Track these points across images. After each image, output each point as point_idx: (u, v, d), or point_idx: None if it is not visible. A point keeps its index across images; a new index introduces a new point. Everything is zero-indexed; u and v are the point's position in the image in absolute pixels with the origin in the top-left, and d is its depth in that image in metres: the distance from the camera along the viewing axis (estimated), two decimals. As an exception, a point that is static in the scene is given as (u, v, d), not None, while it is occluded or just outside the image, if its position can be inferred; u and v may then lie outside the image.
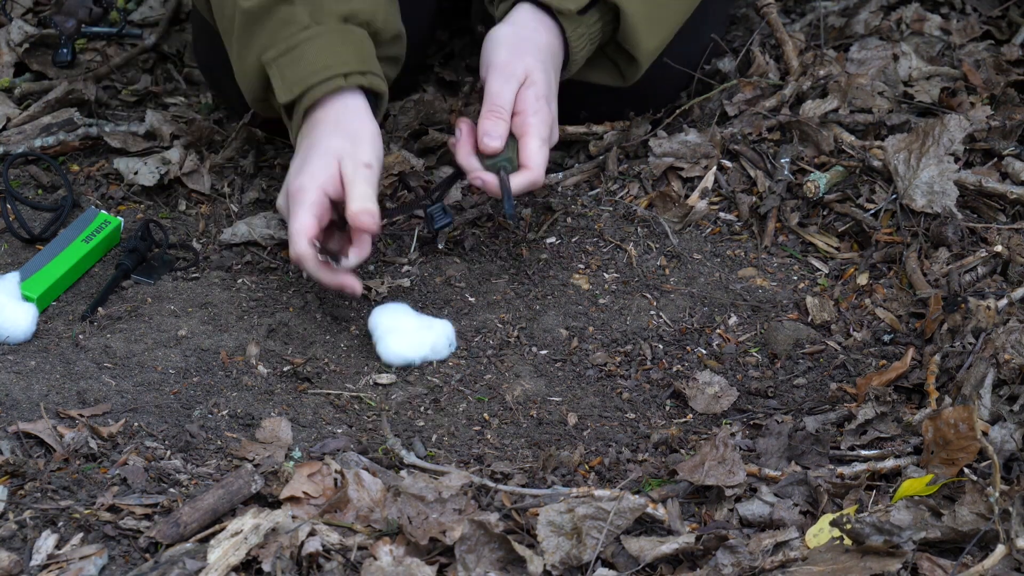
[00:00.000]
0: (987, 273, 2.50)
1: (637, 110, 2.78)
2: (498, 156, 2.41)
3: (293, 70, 2.37)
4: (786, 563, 1.95)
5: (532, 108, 2.42)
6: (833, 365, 2.42)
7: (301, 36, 2.37)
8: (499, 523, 2.00)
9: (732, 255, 2.62)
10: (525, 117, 2.42)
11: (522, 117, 2.42)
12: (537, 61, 2.44)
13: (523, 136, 2.42)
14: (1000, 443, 2.11)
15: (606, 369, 2.43)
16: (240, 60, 2.44)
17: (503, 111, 2.41)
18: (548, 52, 2.47)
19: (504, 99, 2.41)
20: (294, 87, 2.37)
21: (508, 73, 2.42)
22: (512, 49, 2.44)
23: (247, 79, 2.44)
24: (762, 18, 2.96)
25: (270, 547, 1.95)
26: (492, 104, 2.41)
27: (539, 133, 2.42)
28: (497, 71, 2.42)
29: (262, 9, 2.38)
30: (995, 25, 3.09)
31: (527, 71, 2.43)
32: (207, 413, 2.30)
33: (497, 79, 2.42)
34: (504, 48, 2.44)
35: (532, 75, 2.43)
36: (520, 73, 2.42)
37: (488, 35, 2.47)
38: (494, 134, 2.40)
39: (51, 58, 3.01)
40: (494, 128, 2.40)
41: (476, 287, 2.57)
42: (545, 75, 2.44)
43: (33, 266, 2.50)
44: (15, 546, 1.97)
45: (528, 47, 2.44)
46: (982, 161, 2.71)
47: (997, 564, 1.92)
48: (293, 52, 2.37)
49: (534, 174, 2.42)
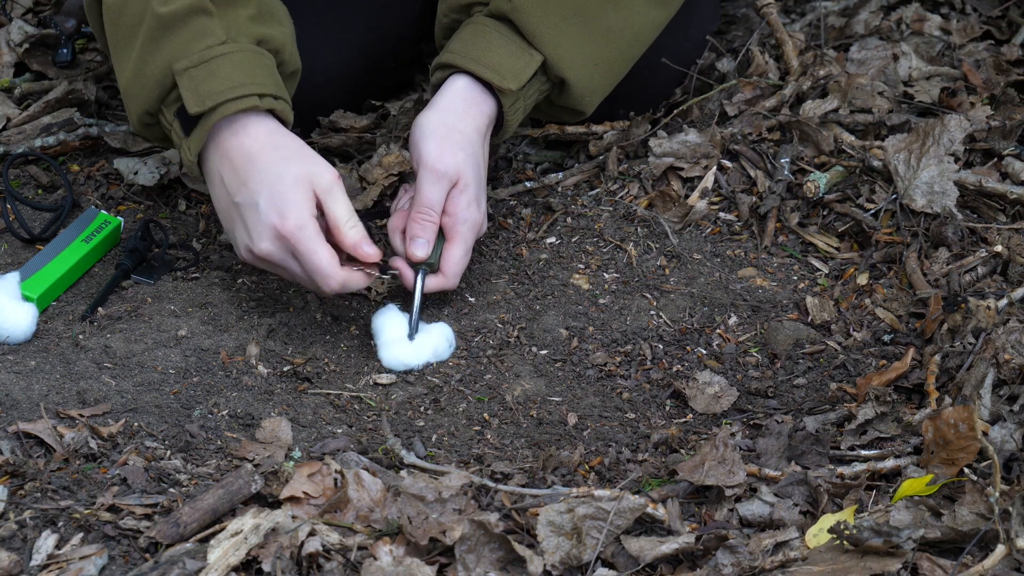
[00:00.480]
0: (987, 273, 2.50)
1: (631, 109, 2.78)
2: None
3: (207, 83, 2.32)
4: (786, 563, 1.95)
5: (462, 215, 2.43)
6: (833, 365, 2.42)
7: (218, 50, 2.33)
8: (499, 523, 2.00)
9: (732, 255, 2.62)
10: (454, 223, 2.44)
11: (452, 220, 2.44)
12: (468, 157, 2.44)
13: (450, 241, 2.44)
14: (1000, 443, 2.11)
15: (606, 369, 2.43)
16: (141, 65, 2.35)
17: (432, 214, 2.42)
18: (479, 136, 2.48)
19: (434, 202, 2.42)
20: (207, 99, 2.31)
21: (439, 174, 2.42)
22: (441, 144, 2.43)
23: (145, 87, 2.36)
24: (762, 18, 2.96)
25: (270, 547, 1.95)
26: (422, 206, 2.42)
27: (465, 242, 2.44)
28: (427, 171, 2.42)
29: (177, 17, 2.33)
30: (995, 25, 3.09)
31: (458, 171, 2.43)
32: (207, 413, 2.30)
33: (428, 179, 2.42)
34: (434, 141, 2.43)
35: (463, 177, 2.43)
36: (452, 173, 2.43)
37: (416, 121, 2.47)
38: (420, 241, 2.42)
39: (51, 58, 3.01)
40: (422, 233, 2.42)
41: (476, 287, 2.57)
42: (476, 173, 2.45)
43: (33, 266, 2.50)
44: (15, 546, 1.97)
45: (458, 140, 2.44)
46: (982, 161, 2.71)
47: (997, 564, 1.92)
48: (208, 65, 2.32)
49: (449, 282, 2.46)
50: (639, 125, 2.75)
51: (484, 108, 2.48)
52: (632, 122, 2.75)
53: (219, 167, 2.35)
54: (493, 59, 2.46)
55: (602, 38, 2.53)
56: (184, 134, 2.36)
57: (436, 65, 2.51)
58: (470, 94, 2.48)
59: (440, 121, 2.45)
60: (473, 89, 2.48)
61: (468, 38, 2.49)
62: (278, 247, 2.32)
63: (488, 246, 2.63)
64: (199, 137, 2.34)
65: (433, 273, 2.45)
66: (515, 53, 2.47)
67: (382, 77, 2.85)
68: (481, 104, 2.48)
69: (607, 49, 2.55)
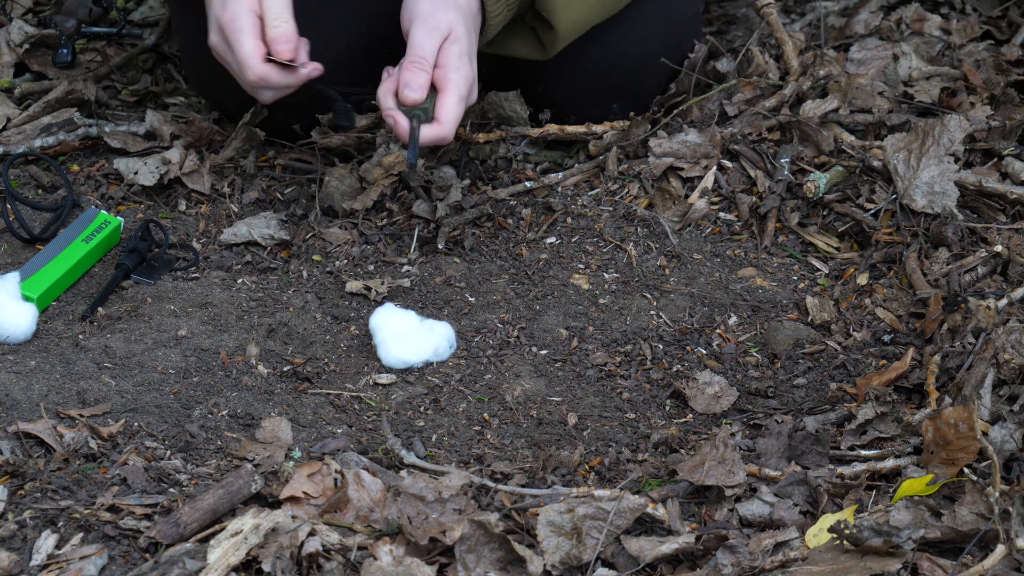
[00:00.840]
0: (987, 273, 2.50)
1: (625, 102, 2.78)
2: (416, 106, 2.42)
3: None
4: (786, 563, 1.95)
5: (455, 64, 2.42)
6: (833, 365, 2.42)
7: None
8: (499, 523, 2.00)
9: (732, 255, 2.62)
10: (447, 72, 2.43)
11: (444, 72, 2.43)
12: (460, 16, 2.44)
13: (442, 91, 2.43)
14: (1000, 443, 2.11)
15: (606, 369, 2.43)
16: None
17: (425, 63, 2.42)
18: (468, 11, 2.47)
19: (427, 51, 2.42)
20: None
21: (432, 25, 2.42)
22: (434, 2, 2.43)
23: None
24: (762, 18, 2.96)
25: (270, 547, 1.95)
26: (415, 55, 2.42)
27: (458, 90, 2.43)
28: (421, 22, 2.42)
29: None
30: (995, 25, 3.09)
31: (451, 25, 2.43)
32: (207, 413, 2.30)
33: (421, 30, 2.42)
34: (426, 1, 2.44)
35: (456, 30, 2.43)
36: (444, 27, 2.43)
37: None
38: (415, 85, 2.41)
39: (51, 58, 3.01)
40: (415, 79, 2.41)
41: (476, 287, 2.57)
42: (467, 32, 2.45)
43: (33, 266, 2.50)
44: (15, 546, 1.97)
45: (449, 2, 2.44)
46: (982, 161, 2.71)
47: (997, 564, 1.92)
48: None
49: (445, 130, 2.43)
50: (639, 125, 2.75)
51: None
52: (632, 122, 2.75)
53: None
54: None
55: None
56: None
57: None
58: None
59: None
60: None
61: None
62: (220, 38, 2.42)
63: (488, 246, 2.63)
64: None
65: (428, 122, 2.43)
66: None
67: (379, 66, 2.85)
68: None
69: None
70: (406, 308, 2.47)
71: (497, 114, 2.79)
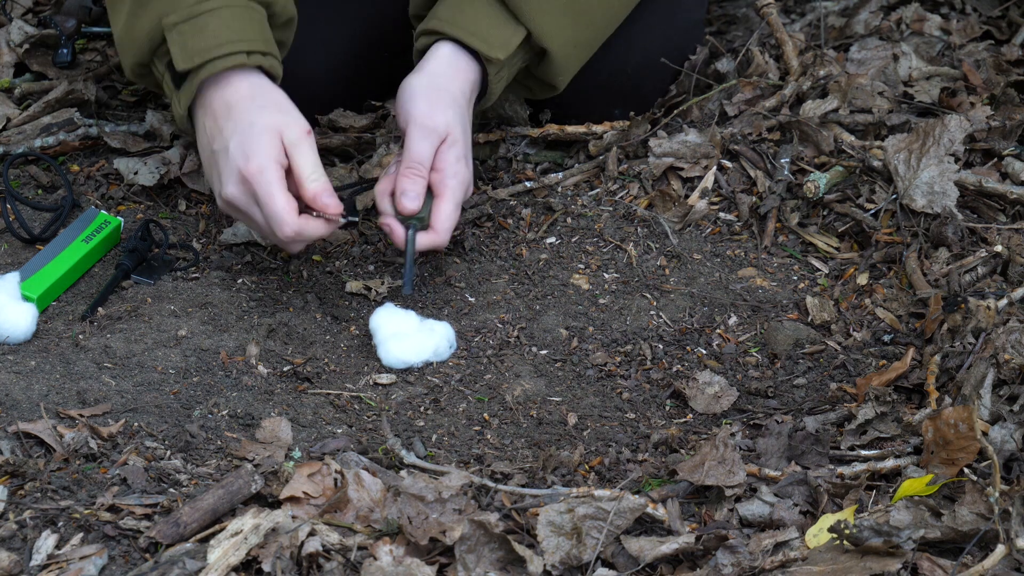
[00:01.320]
0: (987, 273, 2.50)
1: (627, 106, 2.78)
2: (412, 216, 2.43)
3: (195, 39, 2.34)
4: (786, 563, 1.95)
5: (451, 170, 2.43)
6: (833, 365, 2.42)
7: (205, 6, 2.35)
8: (499, 523, 2.00)
9: (732, 255, 2.62)
10: (443, 177, 2.43)
11: (440, 176, 2.43)
12: (456, 116, 2.45)
13: (439, 197, 2.43)
14: (1000, 443, 2.11)
15: (606, 369, 2.43)
16: (132, 19, 2.38)
17: (422, 168, 2.42)
18: (465, 99, 2.49)
19: (423, 156, 2.42)
20: (195, 56, 2.34)
21: (429, 128, 2.42)
22: (430, 101, 2.44)
23: (136, 42, 2.39)
24: (762, 18, 2.96)
25: (270, 547, 1.95)
26: (411, 160, 2.42)
27: (454, 197, 2.43)
28: (417, 125, 2.42)
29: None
30: (995, 25, 3.09)
31: (448, 128, 2.43)
32: (207, 413, 2.30)
33: (417, 133, 2.42)
34: (423, 100, 2.44)
35: (453, 132, 2.44)
36: (441, 129, 2.43)
37: (403, 84, 2.47)
38: (411, 194, 2.41)
39: (51, 58, 3.01)
40: (411, 187, 2.41)
41: (476, 287, 2.57)
42: (464, 132, 2.45)
43: (33, 266, 2.50)
44: (15, 546, 1.97)
45: (446, 99, 2.45)
46: (982, 161, 2.71)
47: (997, 564, 1.92)
48: (196, 20, 2.34)
49: (440, 238, 2.44)
50: (639, 125, 2.75)
51: (469, 75, 2.49)
52: (632, 122, 2.75)
53: (203, 119, 2.39)
54: (480, 28, 2.48)
55: (584, 15, 2.55)
56: (175, 87, 2.40)
57: (421, 31, 2.53)
58: (456, 60, 2.49)
59: (428, 83, 2.46)
60: (459, 55, 2.49)
61: (454, 5, 2.50)
62: (241, 191, 2.34)
63: (488, 246, 2.63)
64: (188, 92, 2.38)
65: (424, 230, 2.43)
66: (501, 24, 2.49)
67: (376, 68, 2.85)
68: (466, 71, 2.49)
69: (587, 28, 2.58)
70: (406, 308, 2.47)
71: (497, 114, 2.79)
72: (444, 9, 2.51)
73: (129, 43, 2.41)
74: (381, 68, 2.81)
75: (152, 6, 2.36)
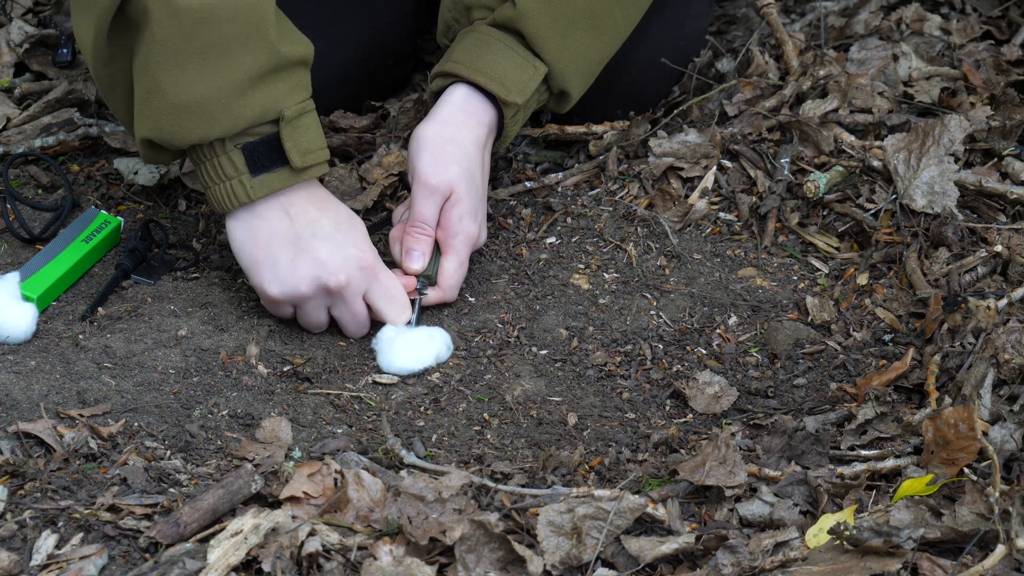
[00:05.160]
0: (987, 273, 2.50)
1: (630, 108, 2.78)
2: (419, 275, 2.47)
3: (305, 138, 2.33)
4: (786, 563, 1.95)
5: (455, 228, 2.45)
6: (833, 365, 2.42)
7: (309, 104, 2.35)
8: (499, 523, 2.00)
9: (732, 255, 2.62)
10: (447, 236, 2.46)
11: (445, 235, 2.46)
12: (462, 170, 2.45)
13: (445, 254, 2.47)
14: (1000, 443, 2.11)
15: (606, 369, 2.43)
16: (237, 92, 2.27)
17: (427, 228, 2.45)
18: (477, 147, 2.49)
19: (428, 216, 2.45)
20: (307, 155, 2.34)
21: (432, 188, 2.44)
22: (436, 157, 2.44)
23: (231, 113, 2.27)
24: (762, 18, 2.96)
25: (270, 547, 1.95)
26: (416, 220, 2.45)
27: (458, 255, 2.46)
28: (421, 184, 2.44)
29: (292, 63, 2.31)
30: (995, 25, 3.09)
31: (451, 186, 2.44)
32: (207, 413, 2.30)
33: (421, 193, 2.44)
34: (428, 155, 2.45)
35: (456, 191, 2.45)
36: (444, 188, 2.44)
37: (414, 133, 2.48)
38: (415, 254, 2.45)
39: (51, 58, 3.01)
40: (416, 246, 2.45)
41: (476, 287, 2.57)
42: (469, 186, 2.46)
43: (33, 266, 2.50)
44: (15, 546, 1.97)
45: (453, 153, 2.45)
46: (982, 161, 2.71)
47: (997, 564, 1.92)
48: (302, 119, 2.34)
49: (446, 295, 2.48)
50: (639, 125, 2.75)
51: (483, 118, 2.49)
52: (632, 122, 2.75)
53: (286, 206, 2.36)
54: (498, 71, 2.46)
55: (607, 38, 2.54)
56: (249, 171, 2.33)
57: (437, 73, 2.51)
58: (470, 104, 2.48)
59: (437, 133, 2.46)
60: (473, 99, 2.48)
61: (471, 47, 2.48)
62: (361, 277, 2.37)
63: (488, 246, 2.63)
64: (278, 184, 2.33)
65: (432, 286, 2.47)
66: (520, 65, 2.47)
67: (379, 75, 2.85)
68: (480, 114, 2.48)
69: (607, 49, 2.56)
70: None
71: (497, 114, 2.79)
72: (460, 51, 2.49)
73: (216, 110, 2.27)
74: (384, 76, 2.82)
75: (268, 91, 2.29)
